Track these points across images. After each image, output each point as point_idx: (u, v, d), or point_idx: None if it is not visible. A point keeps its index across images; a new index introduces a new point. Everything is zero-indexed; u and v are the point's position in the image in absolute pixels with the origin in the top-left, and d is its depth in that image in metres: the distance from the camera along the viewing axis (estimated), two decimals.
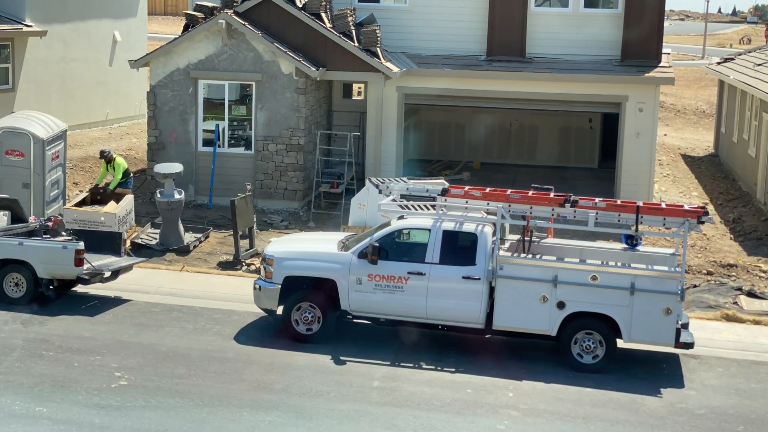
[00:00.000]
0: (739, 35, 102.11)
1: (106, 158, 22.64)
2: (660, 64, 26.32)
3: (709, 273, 20.49)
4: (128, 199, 21.71)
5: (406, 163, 28.32)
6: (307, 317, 15.90)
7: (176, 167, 21.57)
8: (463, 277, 15.41)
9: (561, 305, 15.14)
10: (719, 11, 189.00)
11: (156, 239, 21.06)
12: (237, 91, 24.88)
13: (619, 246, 16.40)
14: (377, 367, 14.98)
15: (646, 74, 25.59)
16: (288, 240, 17.54)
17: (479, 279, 15.37)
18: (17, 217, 18.61)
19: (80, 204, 21.67)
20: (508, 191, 16.16)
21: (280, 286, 15.95)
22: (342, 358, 15.28)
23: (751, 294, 19.24)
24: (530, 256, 15.70)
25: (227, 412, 13.15)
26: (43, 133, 21.12)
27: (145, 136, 30.54)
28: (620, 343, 15.35)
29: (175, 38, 25.24)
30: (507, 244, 16.25)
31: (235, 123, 24.91)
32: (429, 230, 15.69)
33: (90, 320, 16.71)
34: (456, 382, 14.56)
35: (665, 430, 13.31)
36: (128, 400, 13.38)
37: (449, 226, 15.67)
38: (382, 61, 25.10)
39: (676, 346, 15.21)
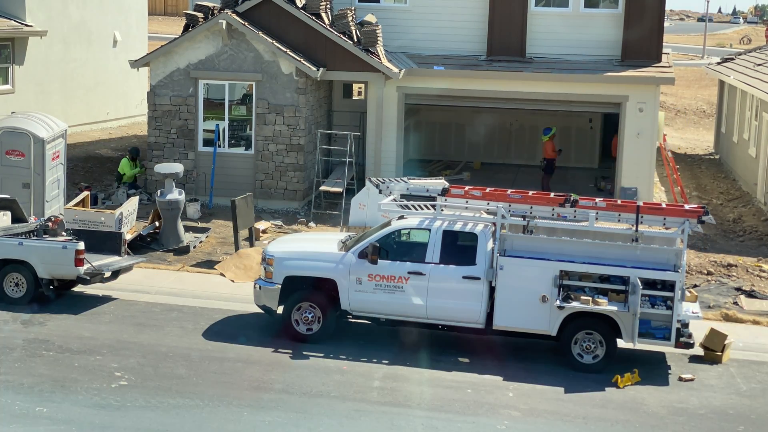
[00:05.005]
0: (739, 35, 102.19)
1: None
2: (660, 64, 26.31)
3: (709, 273, 20.50)
4: (133, 201, 21.69)
5: (406, 163, 28.30)
6: (307, 317, 15.90)
7: (176, 167, 21.60)
8: (464, 277, 15.41)
9: (561, 305, 15.12)
10: (719, 11, 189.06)
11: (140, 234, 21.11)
12: (237, 91, 24.88)
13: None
14: (377, 367, 14.98)
15: (646, 74, 25.58)
16: (288, 240, 17.53)
17: (479, 279, 15.37)
18: (17, 217, 18.62)
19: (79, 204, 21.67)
20: (508, 191, 16.16)
21: (280, 286, 15.95)
22: (342, 358, 15.29)
23: (751, 294, 19.24)
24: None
25: (227, 412, 13.15)
26: (44, 133, 21.12)
27: (145, 136, 30.50)
28: (620, 343, 15.35)
29: (175, 38, 25.23)
30: None
31: (235, 123, 24.91)
32: (429, 230, 15.68)
33: (90, 320, 16.70)
34: (456, 382, 14.55)
35: (665, 430, 13.31)
36: (128, 400, 13.38)
37: (449, 225, 15.66)
38: (382, 61, 25.09)
39: (676, 346, 15.22)
